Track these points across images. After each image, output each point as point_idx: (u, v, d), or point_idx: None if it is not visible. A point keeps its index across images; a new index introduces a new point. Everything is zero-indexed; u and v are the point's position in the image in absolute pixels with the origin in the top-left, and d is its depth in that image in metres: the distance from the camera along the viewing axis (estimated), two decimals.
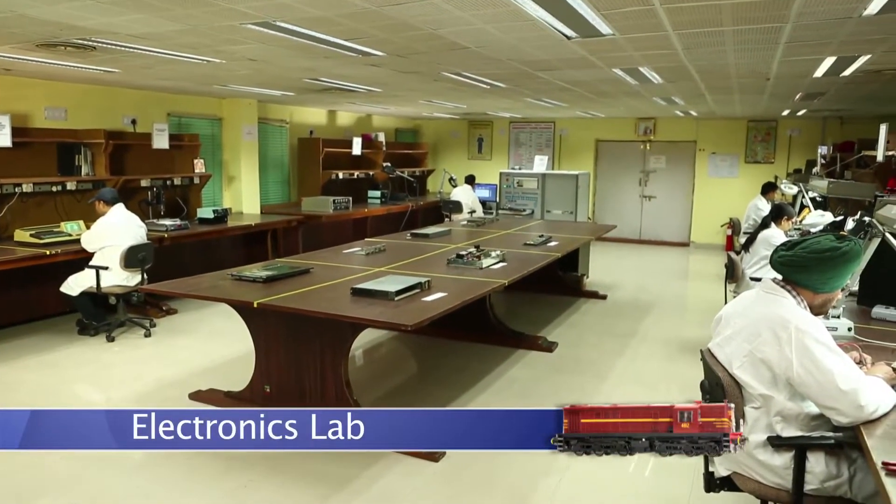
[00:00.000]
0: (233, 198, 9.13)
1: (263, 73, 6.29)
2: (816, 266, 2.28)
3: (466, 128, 14.13)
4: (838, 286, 2.34)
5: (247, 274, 4.40)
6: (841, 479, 2.20)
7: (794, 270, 2.32)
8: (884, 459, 1.72)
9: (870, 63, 5.35)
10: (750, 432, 2.29)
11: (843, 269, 2.29)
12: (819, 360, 2.12)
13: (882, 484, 1.61)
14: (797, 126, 11.83)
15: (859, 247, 2.32)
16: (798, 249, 2.32)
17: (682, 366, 5.31)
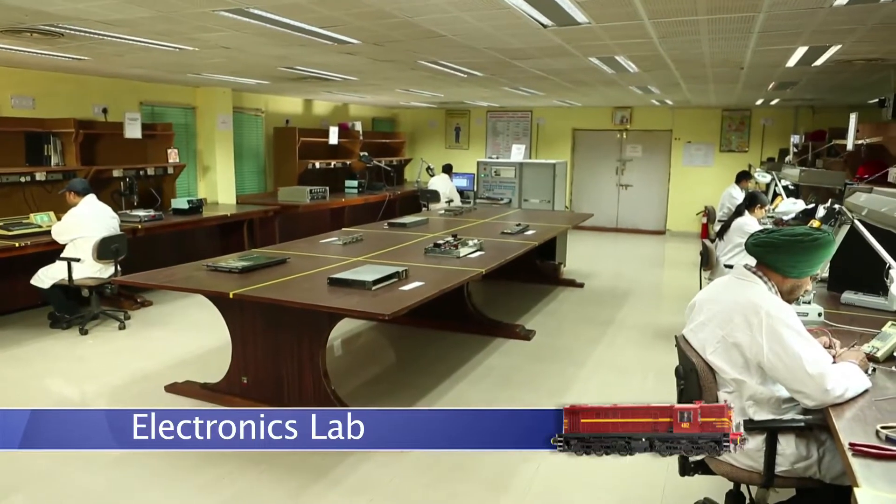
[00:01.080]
0: (208, 188, 9.01)
1: (237, 61, 6.20)
2: (789, 248, 2.33)
3: (444, 117, 14.09)
4: (808, 273, 2.38)
5: (222, 264, 4.36)
6: (810, 461, 2.25)
7: (767, 251, 2.36)
8: (850, 441, 1.76)
9: (840, 53, 5.43)
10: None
11: (814, 256, 2.34)
12: (788, 344, 2.16)
13: (849, 464, 1.65)
14: (770, 115, 11.97)
15: (832, 238, 2.38)
16: (775, 233, 2.39)
17: (657, 353, 5.38)
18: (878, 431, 1.81)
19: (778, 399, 2.29)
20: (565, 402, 4.37)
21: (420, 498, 3.17)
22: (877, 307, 3.23)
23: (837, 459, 2.13)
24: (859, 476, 1.58)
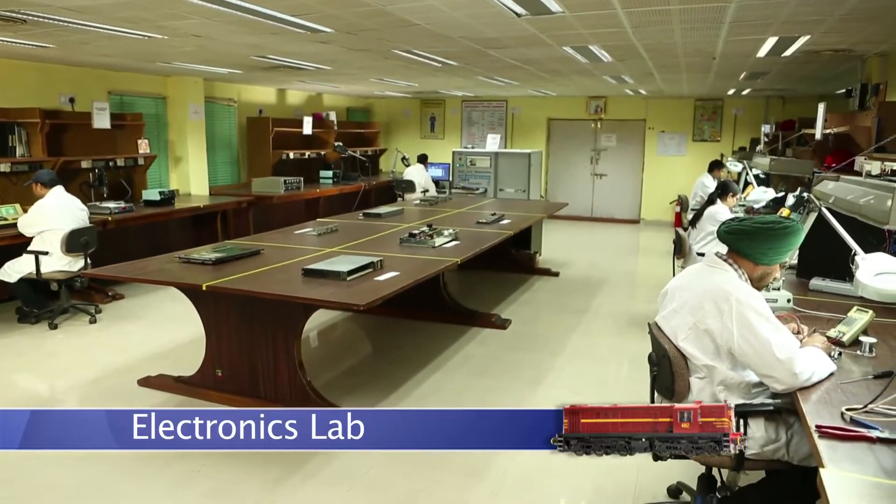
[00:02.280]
0: (180, 179, 8.88)
1: (208, 49, 6.10)
2: (759, 235, 2.37)
3: (419, 107, 14.03)
4: (777, 260, 2.43)
5: (195, 256, 4.31)
6: (779, 444, 2.30)
7: (738, 238, 2.40)
8: (817, 423, 1.79)
9: (809, 44, 5.51)
10: (695, 401, 2.37)
11: (783, 244, 2.39)
12: (758, 330, 2.20)
13: (815, 446, 1.69)
14: (742, 105, 12.12)
15: (800, 226, 2.43)
16: (746, 220, 2.44)
17: (632, 340, 5.44)
18: (843, 413, 1.86)
19: (748, 384, 2.33)
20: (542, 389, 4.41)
21: (397, 487, 3.18)
22: (843, 293, 3.30)
23: (805, 442, 2.18)
24: (825, 457, 1.61)
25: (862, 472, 1.54)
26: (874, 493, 1.44)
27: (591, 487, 3.19)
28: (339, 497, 3.08)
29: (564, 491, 3.16)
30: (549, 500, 3.09)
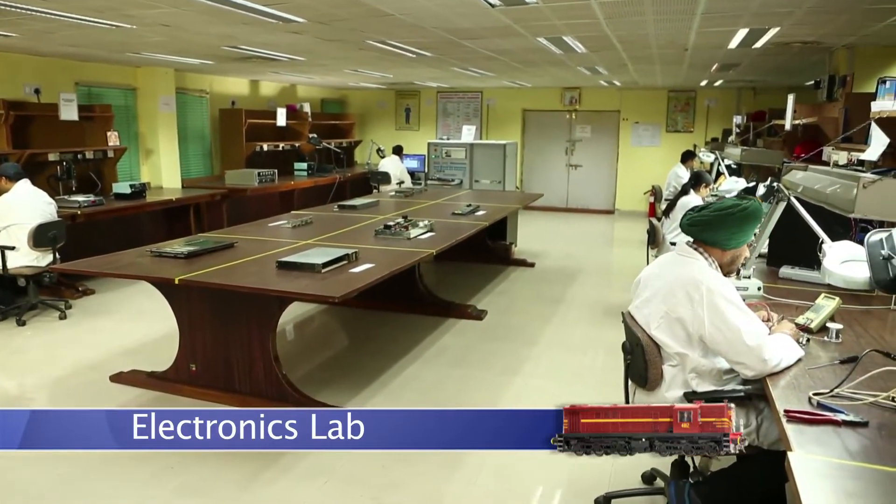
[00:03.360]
0: (151, 172, 8.74)
1: (179, 39, 6.00)
2: (722, 222, 2.41)
3: (394, 98, 13.96)
4: (744, 241, 2.48)
5: (167, 250, 4.25)
6: (750, 429, 2.34)
7: (702, 229, 2.44)
8: (785, 408, 1.83)
9: (779, 35, 5.58)
10: (668, 389, 2.41)
11: (746, 226, 2.43)
12: (728, 317, 2.24)
13: (783, 430, 1.72)
14: (714, 96, 12.26)
15: (758, 205, 2.47)
16: (705, 210, 2.46)
17: (607, 329, 5.49)
18: (811, 398, 1.89)
19: (719, 371, 2.37)
20: (519, 379, 4.43)
21: (375, 480, 3.18)
22: (812, 280, 3.36)
23: (774, 426, 2.22)
24: (793, 441, 1.65)
25: (828, 454, 1.58)
26: (839, 474, 1.47)
27: (567, 475, 3.22)
28: (316, 490, 3.07)
29: (541, 479, 3.18)
30: (526, 488, 3.12)
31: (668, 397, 2.40)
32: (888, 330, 2.65)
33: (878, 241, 2.05)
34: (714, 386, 2.37)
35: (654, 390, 2.44)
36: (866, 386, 1.95)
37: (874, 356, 2.21)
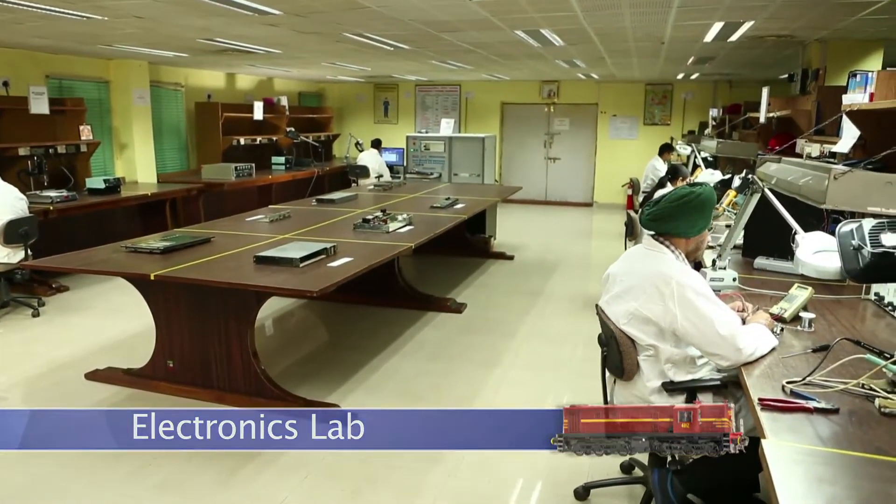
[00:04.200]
0: (126, 166, 8.61)
1: (153, 32, 5.91)
2: (680, 212, 2.44)
3: (372, 91, 13.90)
4: (704, 227, 2.51)
5: (142, 245, 4.20)
6: None
7: (662, 222, 2.47)
8: (759, 396, 1.86)
9: (753, 29, 5.64)
10: (645, 379, 2.43)
11: (703, 211, 2.46)
12: (700, 309, 2.26)
13: (757, 418, 1.75)
14: (691, 89, 12.37)
15: (711, 189, 2.50)
16: (661, 203, 2.48)
17: (586, 321, 5.52)
18: (784, 386, 1.93)
19: (692, 358, 2.40)
20: (498, 371, 4.43)
21: (355, 473, 3.17)
22: (785, 271, 3.41)
23: (750, 414, 2.25)
24: (766, 428, 1.67)
25: (800, 441, 1.61)
26: (811, 460, 1.50)
27: (546, 466, 3.24)
28: (296, 484, 3.06)
29: (520, 471, 3.20)
30: (506, 479, 3.13)
31: (645, 387, 2.42)
32: (859, 319, 2.70)
33: (849, 232, 2.08)
34: (690, 374, 2.39)
35: (632, 381, 2.46)
36: (837, 374, 1.99)
37: (845, 344, 2.25)
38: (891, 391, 1.85)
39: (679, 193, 2.47)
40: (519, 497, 3.00)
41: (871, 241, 2.01)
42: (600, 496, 2.96)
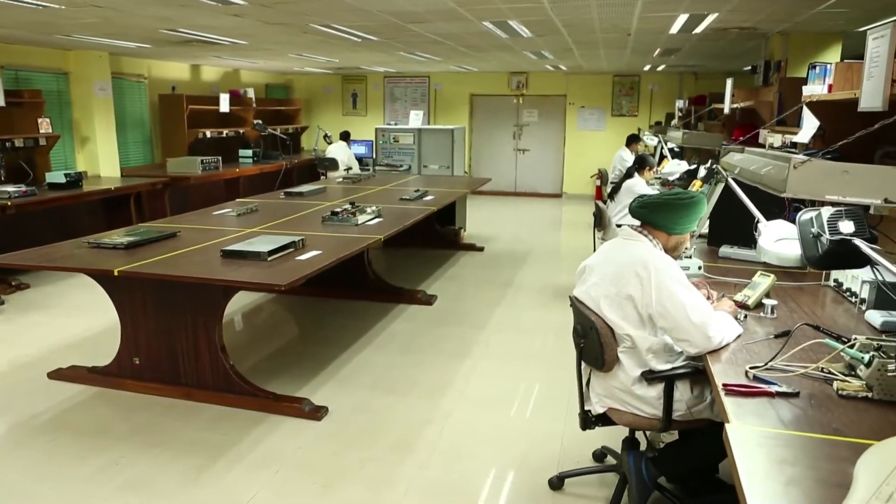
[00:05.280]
0: (88, 160, 8.41)
1: (113, 22, 5.76)
2: (669, 206, 2.52)
3: (340, 83, 13.78)
4: (688, 229, 2.58)
5: (106, 241, 4.11)
6: (704, 404, 2.41)
7: (650, 211, 2.53)
8: (723, 382, 1.89)
9: (717, 21, 5.72)
10: (625, 370, 2.44)
11: (692, 213, 2.56)
12: (675, 295, 2.30)
13: (722, 403, 1.78)
14: (657, 81, 12.50)
15: (704, 198, 2.57)
16: (655, 196, 2.59)
17: (556, 312, 5.58)
18: (747, 372, 1.97)
19: (670, 346, 2.43)
20: (469, 362, 4.44)
21: (327, 466, 3.16)
22: (749, 259, 3.47)
23: None
24: (730, 413, 1.71)
25: (763, 424, 1.64)
26: (773, 442, 1.54)
27: (519, 456, 3.27)
28: (268, 479, 3.04)
29: (493, 460, 3.22)
30: (478, 469, 3.15)
31: (627, 377, 2.44)
32: (819, 305, 2.77)
33: (809, 220, 2.12)
34: (670, 363, 2.42)
35: (611, 372, 2.48)
36: (798, 358, 2.03)
37: (805, 330, 2.31)
38: (848, 374, 1.91)
39: (675, 192, 2.59)
40: (492, 487, 3.01)
41: (830, 228, 2.06)
42: (574, 485, 2.99)
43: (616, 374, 2.47)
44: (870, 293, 2.60)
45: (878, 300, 2.55)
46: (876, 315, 2.46)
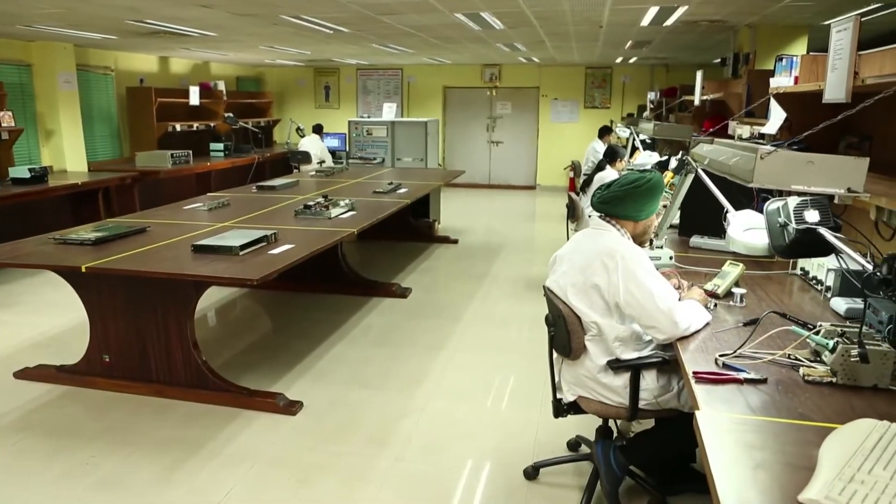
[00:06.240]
0: (53, 155, 8.23)
1: (77, 12, 5.63)
2: (630, 196, 2.52)
3: (312, 75, 13.65)
4: (653, 212, 2.61)
5: (73, 237, 4.03)
6: (672, 393, 2.45)
7: (613, 205, 2.54)
8: (693, 370, 1.92)
9: (687, 14, 5.77)
10: (592, 358, 2.47)
11: (653, 197, 2.56)
12: (642, 282, 2.33)
13: (692, 391, 1.81)
14: (629, 73, 12.60)
15: (660, 176, 2.58)
16: (612, 186, 2.57)
17: (530, 303, 5.61)
18: (717, 359, 2.00)
19: (639, 335, 2.46)
20: (444, 354, 4.45)
21: (302, 460, 3.15)
22: (719, 249, 3.53)
23: None
24: (700, 400, 1.73)
25: (732, 410, 1.67)
26: (742, 428, 1.56)
27: (494, 447, 3.29)
28: (242, 475, 3.02)
29: (469, 452, 3.23)
30: (454, 461, 3.16)
31: (594, 365, 2.47)
32: (786, 293, 2.82)
33: (776, 210, 2.16)
34: (636, 352, 2.45)
35: (579, 360, 2.51)
36: (766, 345, 2.07)
37: (773, 317, 2.35)
38: (814, 360, 1.95)
39: (630, 178, 2.55)
40: (468, 479, 3.03)
41: (796, 218, 2.09)
42: (549, 474, 3.01)
43: (583, 361, 2.50)
44: (835, 281, 2.66)
45: (843, 288, 2.60)
46: (840, 302, 2.51)
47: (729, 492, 1.28)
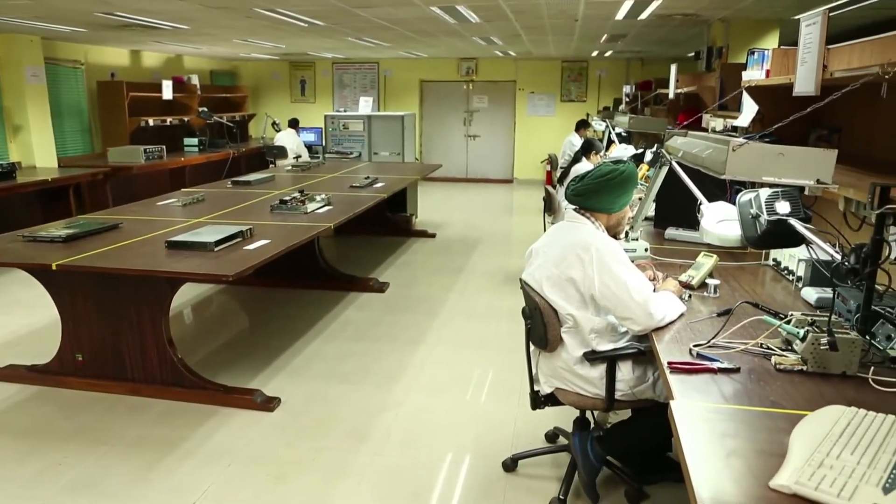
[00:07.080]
0: (21, 150, 8.06)
1: (45, 4, 5.51)
2: (603, 189, 2.53)
3: (288, 69, 13.53)
4: (626, 203, 2.61)
5: (42, 234, 3.96)
6: (647, 384, 2.47)
7: (586, 198, 2.55)
8: (668, 360, 1.94)
9: (661, 8, 5.81)
10: (568, 350, 2.49)
11: (626, 189, 2.56)
12: (616, 274, 2.34)
13: (667, 381, 1.83)
14: (605, 67, 12.67)
15: (633, 168, 2.60)
16: (586, 179, 2.57)
17: (508, 296, 5.63)
18: (691, 349, 2.02)
19: (614, 326, 2.48)
20: (423, 348, 4.46)
21: (280, 457, 3.13)
22: (693, 240, 3.57)
23: None
24: (675, 390, 1.75)
25: (706, 400, 1.69)
26: (715, 417, 1.58)
27: (473, 440, 3.30)
28: (220, 472, 2.99)
29: (447, 446, 3.24)
30: (433, 455, 3.16)
31: (570, 357, 2.49)
32: (759, 283, 2.86)
33: (748, 201, 2.19)
34: (612, 344, 2.48)
35: (555, 352, 2.52)
36: (739, 335, 2.10)
37: (746, 307, 2.38)
38: (785, 349, 1.98)
39: (603, 171, 2.54)
40: (447, 472, 3.03)
41: (768, 209, 2.13)
42: (528, 466, 3.03)
43: (559, 353, 2.51)
44: (805, 271, 2.70)
45: (814, 277, 2.65)
46: (811, 292, 2.56)
47: (703, 480, 1.29)
